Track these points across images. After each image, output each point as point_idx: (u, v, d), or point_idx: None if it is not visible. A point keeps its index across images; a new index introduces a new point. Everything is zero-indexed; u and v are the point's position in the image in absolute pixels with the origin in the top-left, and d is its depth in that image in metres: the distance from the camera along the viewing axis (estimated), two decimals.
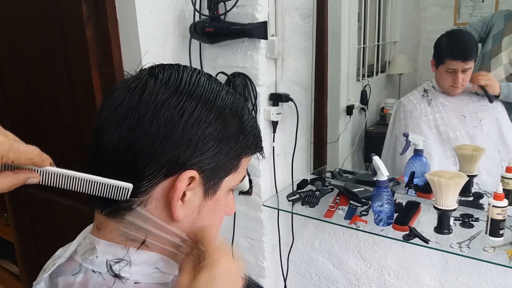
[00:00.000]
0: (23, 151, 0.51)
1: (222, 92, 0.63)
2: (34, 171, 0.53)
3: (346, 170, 1.96)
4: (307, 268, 2.05)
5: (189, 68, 0.64)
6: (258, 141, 0.68)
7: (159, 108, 0.57)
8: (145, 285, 0.62)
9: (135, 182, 0.59)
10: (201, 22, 1.70)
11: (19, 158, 0.50)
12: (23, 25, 1.94)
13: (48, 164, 0.54)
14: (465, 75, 1.71)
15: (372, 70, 2.13)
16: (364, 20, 2.05)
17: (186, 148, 0.58)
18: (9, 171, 0.51)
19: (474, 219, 1.49)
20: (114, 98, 0.60)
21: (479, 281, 1.60)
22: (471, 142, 1.73)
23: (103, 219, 0.63)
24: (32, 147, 0.52)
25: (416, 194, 1.66)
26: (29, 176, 0.53)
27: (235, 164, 0.64)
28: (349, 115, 2.05)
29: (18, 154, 0.50)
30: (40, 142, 0.57)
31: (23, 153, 0.51)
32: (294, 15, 1.74)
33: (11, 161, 0.50)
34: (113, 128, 0.59)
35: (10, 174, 0.51)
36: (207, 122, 0.59)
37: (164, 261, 0.64)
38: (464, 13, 1.84)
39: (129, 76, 0.63)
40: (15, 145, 0.50)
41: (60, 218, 2.15)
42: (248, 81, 1.75)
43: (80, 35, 1.68)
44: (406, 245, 1.71)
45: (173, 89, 0.59)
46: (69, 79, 1.83)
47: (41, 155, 0.53)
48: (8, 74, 2.14)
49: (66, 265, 0.64)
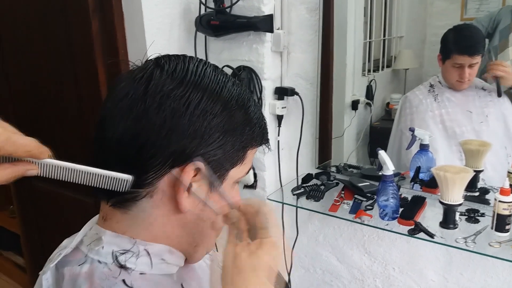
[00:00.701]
0: (21, 144, 0.50)
1: (228, 83, 0.63)
2: (33, 163, 0.53)
3: (351, 165, 1.96)
4: (311, 262, 2.05)
5: (195, 59, 0.63)
6: (264, 133, 0.68)
7: (165, 99, 0.57)
8: (150, 276, 0.62)
9: (140, 174, 0.58)
10: (206, 15, 1.69)
11: (17, 151, 0.50)
12: (28, 18, 1.94)
13: (47, 156, 0.54)
14: (472, 70, 1.69)
15: (378, 65, 2.12)
16: (370, 14, 2.04)
17: (192, 139, 0.58)
18: (7, 163, 0.51)
19: (480, 214, 1.49)
20: (120, 89, 0.60)
21: (483, 276, 1.60)
22: (477, 137, 1.72)
23: (109, 210, 0.63)
24: (30, 139, 0.51)
25: (421, 189, 1.65)
26: (27, 168, 0.52)
27: (241, 156, 0.64)
28: (354, 110, 2.04)
29: (15, 146, 0.49)
30: (44, 135, 0.57)
31: (21, 146, 0.50)
32: (300, 8, 1.74)
33: (8, 153, 0.49)
34: (118, 119, 0.58)
35: (8, 166, 0.51)
36: (213, 114, 0.59)
37: (170, 252, 0.64)
38: (471, 8, 1.83)
39: (134, 67, 0.63)
40: (13, 137, 0.49)
41: (65, 211, 2.16)
42: (253, 74, 1.74)
43: (86, 28, 1.68)
44: (410, 240, 1.70)
45: (179, 80, 0.59)
46: (74, 72, 1.83)
47: (39, 147, 0.52)
48: (12, 67, 2.15)
49: (72, 255, 0.65)
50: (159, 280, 0.62)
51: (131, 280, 0.60)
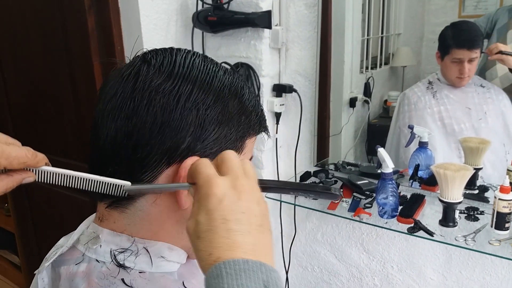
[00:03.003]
0: (15, 156, 0.49)
1: (219, 72, 0.61)
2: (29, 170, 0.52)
3: (350, 163, 1.95)
4: (309, 261, 2.04)
5: (183, 50, 0.61)
6: (262, 120, 0.66)
7: (154, 94, 0.56)
8: (150, 275, 0.60)
9: (137, 173, 0.57)
10: (204, 11, 1.68)
11: (12, 164, 0.49)
12: (24, 15, 1.92)
13: (44, 164, 0.53)
14: (471, 65, 1.69)
15: (376, 62, 2.11)
16: (368, 11, 2.03)
17: (186, 134, 0.56)
18: (3, 174, 0.50)
19: (479, 212, 1.48)
20: (108, 89, 0.59)
21: (482, 274, 1.60)
22: (476, 135, 1.72)
23: (106, 210, 0.62)
24: (25, 150, 0.50)
25: (420, 186, 1.65)
26: (23, 177, 0.51)
27: (239, 146, 0.62)
28: (352, 107, 2.03)
29: (10, 159, 0.48)
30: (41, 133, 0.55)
31: (15, 158, 0.49)
32: (298, 4, 1.72)
33: (3, 167, 0.48)
34: (109, 120, 0.57)
35: (4, 177, 0.50)
36: (206, 105, 0.57)
37: (170, 250, 0.63)
38: (469, 5, 1.82)
39: (122, 64, 0.61)
40: (6, 150, 0.48)
41: (61, 209, 2.14)
42: (251, 71, 1.73)
43: (82, 24, 1.66)
44: (409, 238, 1.70)
45: (167, 73, 0.57)
46: (70, 68, 1.81)
47: (35, 156, 0.51)
48: (8, 64, 2.12)
49: (68, 254, 0.64)
50: (159, 279, 0.61)
51: (131, 279, 0.59)
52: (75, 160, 1.90)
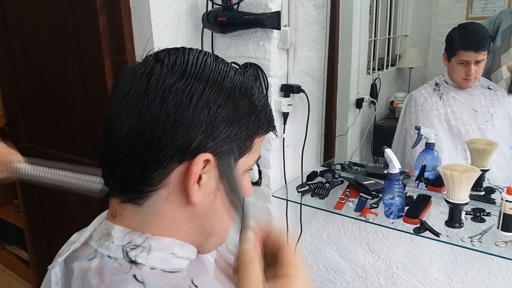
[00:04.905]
0: None
1: (230, 72, 0.62)
2: None
3: (356, 163, 1.96)
4: (314, 260, 2.05)
5: (195, 50, 0.63)
6: (270, 119, 0.67)
7: (167, 93, 0.57)
8: (161, 271, 0.62)
9: (150, 169, 0.58)
10: (213, 12, 1.69)
11: None
12: (36, 14, 1.94)
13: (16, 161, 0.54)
14: (478, 67, 1.69)
15: (383, 63, 2.11)
16: (376, 12, 2.04)
17: (198, 132, 0.58)
18: None
19: (485, 214, 1.49)
20: (122, 87, 0.60)
21: (488, 276, 1.60)
22: (482, 137, 1.72)
23: (119, 206, 0.63)
24: None
25: (426, 187, 1.65)
26: None
27: (248, 145, 0.64)
28: (359, 108, 2.04)
29: None
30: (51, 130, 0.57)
31: None
32: (307, 5, 1.73)
33: None
34: (123, 117, 0.58)
35: None
36: (217, 104, 0.59)
37: (181, 246, 0.64)
38: (476, 7, 1.83)
39: (135, 63, 0.63)
40: None
41: (70, 206, 2.16)
42: (259, 71, 1.74)
43: (93, 24, 1.68)
44: (415, 238, 1.70)
45: (180, 73, 0.58)
46: (81, 67, 1.83)
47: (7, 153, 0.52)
48: (20, 63, 2.15)
49: (81, 250, 0.64)
50: (169, 275, 0.62)
51: (142, 275, 0.60)
52: (84, 158, 1.92)
